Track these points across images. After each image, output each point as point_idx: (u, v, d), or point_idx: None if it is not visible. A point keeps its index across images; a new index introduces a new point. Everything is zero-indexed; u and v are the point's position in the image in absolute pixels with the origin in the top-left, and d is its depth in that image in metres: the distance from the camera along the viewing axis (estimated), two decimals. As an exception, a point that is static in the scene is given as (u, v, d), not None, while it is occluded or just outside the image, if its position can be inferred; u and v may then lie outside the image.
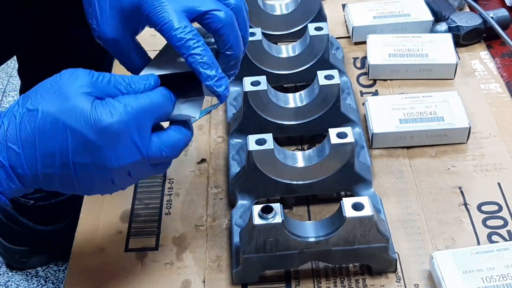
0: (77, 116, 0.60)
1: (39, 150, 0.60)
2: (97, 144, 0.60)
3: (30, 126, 0.60)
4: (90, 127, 0.60)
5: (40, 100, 0.61)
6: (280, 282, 0.75)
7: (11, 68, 2.11)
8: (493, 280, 0.69)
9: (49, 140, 0.60)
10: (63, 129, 0.60)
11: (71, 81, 0.62)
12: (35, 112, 0.60)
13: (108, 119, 0.60)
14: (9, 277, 1.49)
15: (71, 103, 0.60)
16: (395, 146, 0.89)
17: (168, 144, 0.64)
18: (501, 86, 0.97)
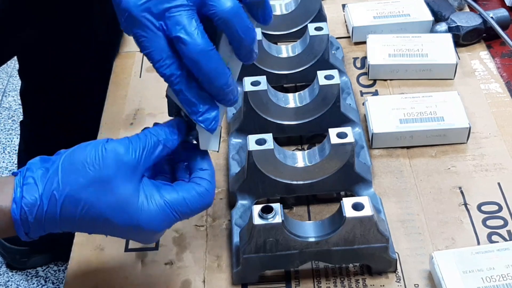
0: (121, 215, 0.61)
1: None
2: (136, 232, 0.63)
3: (71, 213, 0.61)
4: (132, 227, 0.62)
5: (82, 188, 0.61)
6: (280, 282, 0.75)
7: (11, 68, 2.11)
8: (493, 280, 0.69)
9: (88, 228, 0.63)
10: (104, 224, 0.62)
11: (114, 167, 0.61)
12: (78, 201, 0.61)
13: (151, 225, 0.62)
14: (9, 277, 1.50)
15: (113, 196, 0.61)
16: (395, 146, 0.89)
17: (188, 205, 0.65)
18: (501, 86, 0.97)
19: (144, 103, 0.99)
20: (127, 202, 0.61)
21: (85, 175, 0.61)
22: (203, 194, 0.64)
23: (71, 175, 0.61)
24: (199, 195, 0.64)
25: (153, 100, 0.99)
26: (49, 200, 0.60)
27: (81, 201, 0.60)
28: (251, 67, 0.92)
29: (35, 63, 1.20)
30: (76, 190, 0.60)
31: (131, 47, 1.10)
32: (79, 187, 0.60)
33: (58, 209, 0.60)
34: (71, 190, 0.60)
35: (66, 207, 0.60)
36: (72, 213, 0.61)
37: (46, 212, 0.60)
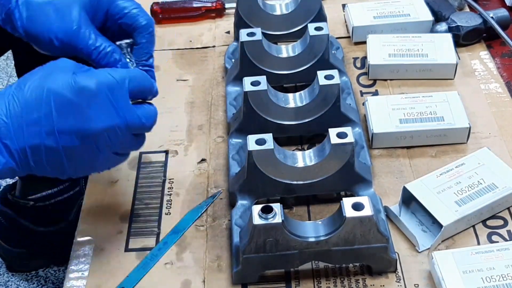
0: (59, 80, 0.64)
1: (25, 119, 0.63)
2: (77, 103, 0.64)
3: (18, 99, 0.64)
4: (70, 87, 0.64)
5: (28, 78, 0.66)
6: (280, 282, 0.75)
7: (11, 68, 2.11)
8: (493, 280, 0.69)
9: (34, 107, 0.64)
10: (47, 93, 0.64)
11: (56, 63, 0.67)
12: (23, 86, 0.65)
13: (87, 80, 0.65)
14: (9, 277, 1.49)
15: (54, 74, 0.65)
16: (395, 146, 0.89)
17: (146, 113, 0.69)
18: (501, 86, 0.97)
19: (144, 103, 0.99)
20: (64, 70, 0.66)
21: (31, 73, 0.67)
22: (138, 71, 0.72)
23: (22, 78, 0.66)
24: (136, 71, 0.72)
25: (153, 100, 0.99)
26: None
27: (25, 87, 0.65)
28: (251, 67, 0.93)
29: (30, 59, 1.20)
30: (22, 81, 0.66)
31: (131, 47, 1.10)
32: (24, 79, 0.66)
33: (6, 102, 0.64)
34: (19, 82, 0.66)
35: (13, 96, 0.65)
36: (20, 100, 0.64)
37: None
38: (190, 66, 1.05)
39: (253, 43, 0.92)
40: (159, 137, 0.92)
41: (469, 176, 0.80)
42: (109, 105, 0.65)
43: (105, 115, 0.65)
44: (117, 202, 0.85)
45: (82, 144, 0.65)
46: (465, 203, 0.77)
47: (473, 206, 0.77)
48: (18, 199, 1.34)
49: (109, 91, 0.65)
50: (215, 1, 1.13)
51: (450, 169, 0.81)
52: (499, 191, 0.78)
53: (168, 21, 1.13)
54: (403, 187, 0.79)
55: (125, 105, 0.66)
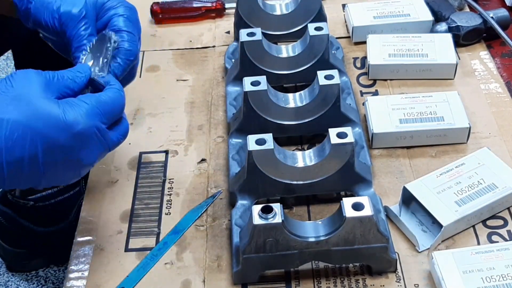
0: (46, 121, 0.61)
1: (6, 157, 0.61)
2: (71, 145, 0.63)
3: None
4: (62, 131, 0.62)
5: (5, 111, 0.61)
6: (280, 282, 0.75)
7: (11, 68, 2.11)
8: (493, 280, 0.69)
9: (18, 148, 0.61)
10: (33, 135, 0.61)
11: (27, 84, 0.63)
12: (1, 121, 0.60)
13: (80, 123, 0.63)
14: (9, 277, 1.49)
15: (36, 108, 0.62)
16: (395, 146, 0.89)
17: (122, 133, 0.70)
18: (501, 86, 0.97)
19: (144, 103, 0.99)
20: (48, 107, 0.62)
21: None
22: (117, 92, 0.69)
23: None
24: (114, 93, 0.68)
25: (153, 100, 0.99)
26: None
27: (4, 120, 0.60)
28: (251, 67, 0.93)
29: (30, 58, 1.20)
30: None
31: (131, 47, 1.10)
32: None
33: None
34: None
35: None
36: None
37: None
38: (190, 66, 1.05)
39: (253, 43, 0.92)
40: (159, 137, 0.93)
41: (469, 176, 0.80)
42: (97, 142, 0.66)
43: (95, 151, 0.66)
44: (117, 202, 0.85)
45: (66, 171, 0.65)
46: (465, 203, 0.77)
47: (473, 206, 0.77)
48: (18, 199, 1.34)
49: (98, 127, 0.65)
50: (215, 1, 1.13)
51: (450, 169, 0.81)
52: (499, 191, 0.78)
53: (168, 21, 1.13)
54: (403, 187, 0.79)
55: (107, 134, 0.67)
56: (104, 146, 0.67)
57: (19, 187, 0.65)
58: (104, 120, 0.66)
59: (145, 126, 0.95)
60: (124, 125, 0.70)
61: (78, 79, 0.68)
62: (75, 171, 0.66)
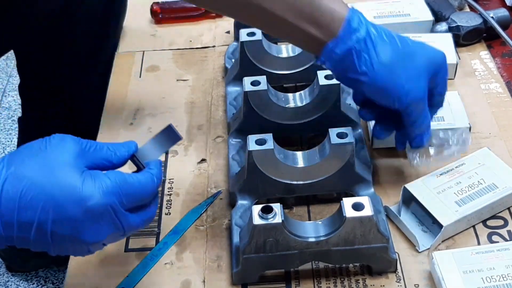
0: (63, 190, 0.60)
1: (18, 216, 0.59)
2: (80, 220, 0.60)
3: (13, 191, 0.59)
4: (75, 203, 0.60)
5: (27, 167, 0.60)
6: (280, 282, 0.74)
7: (11, 68, 2.11)
8: (493, 280, 0.69)
9: (30, 210, 0.59)
10: (47, 201, 0.59)
11: (59, 150, 0.62)
12: (21, 178, 0.59)
13: (95, 198, 0.60)
14: (9, 277, 1.49)
15: (58, 175, 0.60)
16: (395, 146, 0.88)
17: (146, 219, 0.66)
18: (501, 86, 0.97)
19: (144, 103, 0.99)
20: (68, 176, 0.60)
21: (29, 154, 0.61)
22: (149, 177, 0.64)
23: (16, 156, 0.61)
24: (145, 177, 0.64)
25: (153, 100, 0.99)
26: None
27: (25, 177, 0.59)
28: (251, 67, 0.93)
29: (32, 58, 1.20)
30: (19, 167, 0.60)
31: (131, 47, 1.10)
32: (23, 164, 0.60)
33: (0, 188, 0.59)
34: (16, 168, 0.60)
35: (9, 183, 0.59)
36: (14, 192, 0.59)
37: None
38: (190, 66, 1.05)
39: (253, 43, 0.91)
40: (159, 137, 0.92)
41: (469, 176, 0.80)
42: (110, 222, 0.62)
43: (106, 230, 0.62)
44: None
45: (74, 245, 0.63)
46: (465, 203, 0.77)
47: (473, 206, 0.77)
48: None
49: (114, 208, 0.62)
50: (215, 1, 1.13)
51: (450, 169, 0.81)
52: (499, 191, 0.78)
53: (168, 21, 1.13)
54: (403, 187, 0.79)
55: (125, 220, 0.63)
56: (118, 228, 0.63)
57: (29, 247, 0.64)
58: (124, 201, 0.62)
59: (145, 126, 0.95)
60: (149, 212, 0.66)
61: (119, 152, 0.65)
62: (83, 246, 0.63)
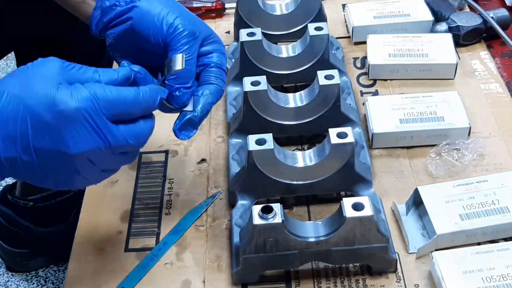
0: (38, 97, 0.59)
1: (1, 131, 0.60)
2: (54, 126, 0.59)
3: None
4: (47, 108, 0.59)
5: (9, 83, 0.61)
6: (280, 282, 0.74)
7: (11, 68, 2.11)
8: (493, 280, 0.69)
9: (11, 121, 0.60)
10: (24, 110, 0.59)
11: (40, 67, 0.62)
12: (2, 93, 0.60)
13: (67, 102, 0.59)
14: (9, 277, 1.49)
15: (36, 84, 0.60)
16: (395, 146, 0.89)
17: (135, 134, 0.64)
18: (501, 86, 0.97)
19: (144, 103, 0.99)
20: (45, 85, 0.60)
21: (11, 74, 0.62)
22: (135, 90, 0.64)
23: (1, 79, 0.62)
24: (131, 90, 0.64)
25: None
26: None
27: (4, 93, 0.60)
28: (251, 67, 0.93)
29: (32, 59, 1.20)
30: (1, 85, 0.61)
31: (131, 47, 1.10)
32: (4, 82, 0.61)
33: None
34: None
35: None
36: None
37: None
38: (190, 66, 1.05)
39: (253, 43, 0.92)
40: (159, 137, 0.92)
41: (486, 194, 0.77)
42: (89, 129, 0.60)
43: (84, 139, 0.60)
44: (117, 202, 0.85)
45: (60, 164, 0.61)
46: (468, 219, 0.75)
47: (475, 224, 0.75)
48: (18, 199, 1.34)
49: (89, 114, 0.60)
50: (215, 1, 1.13)
51: (470, 182, 0.79)
52: (509, 215, 0.76)
53: (168, 21, 1.13)
54: (414, 189, 0.79)
55: (107, 128, 0.61)
56: (101, 137, 0.61)
57: (25, 179, 0.63)
58: (102, 108, 0.61)
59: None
60: (138, 127, 0.64)
61: (107, 73, 0.64)
62: (67, 162, 0.61)
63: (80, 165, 0.62)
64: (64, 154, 0.60)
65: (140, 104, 0.64)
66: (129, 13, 0.73)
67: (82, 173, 0.63)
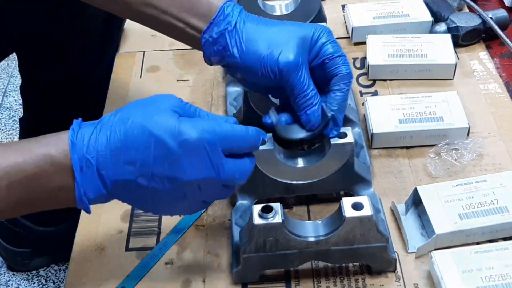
0: (162, 126, 0.63)
1: (123, 155, 0.63)
2: (176, 153, 0.62)
3: (119, 132, 0.63)
4: (172, 136, 0.62)
5: (132, 112, 0.64)
6: (280, 281, 0.75)
7: (12, 68, 2.11)
8: (492, 279, 0.69)
9: (133, 146, 0.63)
10: (148, 136, 0.62)
11: (162, 100, 0.66)
12: (126, 120, 0.64)
13: (190, 133, 0.63)
14: (9, 277, 1.49)
15: (159, 115, 0.64)
16: (394, 146, 0.89)
17: (240, 170, 0.67)
18: (500, 86, 0.97)
19: (144, 103, 0.99)
20: (167, 115, 0.64)
21: (133, 104, 0.66)
22: (243, 128, 0.67)
23: (123, 108, 0.66)
24: (240, 127, 0.67)
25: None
26: (101, 126, 0.64)
27: (128, 120, 0.63)
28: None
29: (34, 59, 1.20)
30: (124, 113, 0.64)
31: (131, 47, 1.10)
32: (127, 111, 0.65)
33: (107, 132, 0.63)
34: (122, 113, 0.64)
35: (116, 126, 0.63)
36: (121, 132, 0.63)
37: (99, 135, 0.64)
38: (190, 66, 1.05)
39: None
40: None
41: (485, 194, 0.78)
42: (207, 161, 0.64)
43: (200, 168, 0.64)
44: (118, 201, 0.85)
45: (171, 190, 0.64)
46: (467, 218, 0.76)
47: (474, 223, 0.75)
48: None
49: (209, 145, 0.64)
50: (215, 2, 1.13)
51: (469, 182, 0.79)
52: (508, 215, 0.76)
53: (168, 22, 1.13)
54: (414, 189, 0.79)
55: (220, 161, 0.65)
56: (214, 168, 0.64)
57: (130, 202, 0.67)
58: (218, 141, 0.64)
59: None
60: (244, 163, 0.68)
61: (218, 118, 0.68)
62: (178, 188, 0.64)
63: (189, 191, 0.65)
64: (179, 181, 0.64)
65: (249, 140, 0.67)
66: (231, 56, 0.76)
67: (188, 200, 0.66)
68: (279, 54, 0.74)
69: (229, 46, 0.76)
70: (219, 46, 0.76)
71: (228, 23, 0.76)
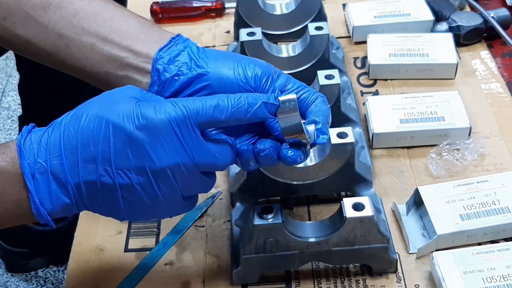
0: (119, 112, 0.57)
1: (81, 153, 0.57)
2: (139, 139, 0.57)
3: (74, 128, 0.58)
4: (131, 121, 0.57)
5: (87, 107, 0.59)
6: (280, 282, 0.74)
7: (11, 68, 2.11)
8: (494, 280, 0.69)
9: (91, 140, 0.57)
10: (106, 127, 0.57)
11: (120, 91, 0.60)
12: (80, 116, 0.58)
13: (152, 114, 0.57)
14: (8, 278, 1.49)
15: (116, 104, 0.58)
16: (395, 146, 0.88)
17: (220, 150, 0.61)
18: (501, 86, 0.97)
19: (144, 103, 0.98)
20: (127, 101, 0.58)
21: (89, 100, 0.60)
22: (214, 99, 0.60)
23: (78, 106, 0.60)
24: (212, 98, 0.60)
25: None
26: (54, 127, 0.59)
27: (84, 114, 0.58)
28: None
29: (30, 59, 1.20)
30: (79, 109, 0.59)
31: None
32: (82, 106, 0.59)
33: (60, 131, 0.58)
34: (76, 110, 0.59)
35: (70, 124, 0.58)
36: (75, 129, 0.58)
37: (50, 136, 0.58)
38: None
39: (253, 43, 0.91)
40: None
41: (486, 194, 0.77)
42: (175, 141, 0.58)
43: (170, 153, 0.58)
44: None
45: (141, 185, 0.58)
46: (469, 219, 0.75)
47: (475, 224, 0.75)
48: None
49: (177, 124, 0.57)
50: (215, 1, 1.13)
51: (471, 183, 0.79)
52: (509, 216, 0.75)
53: (168, 21, 1.13)
54: (415, 189, 0.79)
55: (193, 141, 0.58)
56: (187, 152, 0.58)
57: (101, 209, 0.60)
58: (192, 120, 0.58)
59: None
60: (225, 145, 0.61)
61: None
62: (150, 183, 0.58)
63: (162, 184, 0.59)
64: (147, 170, 0.58)
65: (227, 109, 0.60)
66: (201, 83, 0.67)
67: (164, 197, 0.60)
68: (241, 71, 0.66)
69: (194, 60, 0.67)
70: (177, 85, 0.67)
71: (187, 45, 0.69)
